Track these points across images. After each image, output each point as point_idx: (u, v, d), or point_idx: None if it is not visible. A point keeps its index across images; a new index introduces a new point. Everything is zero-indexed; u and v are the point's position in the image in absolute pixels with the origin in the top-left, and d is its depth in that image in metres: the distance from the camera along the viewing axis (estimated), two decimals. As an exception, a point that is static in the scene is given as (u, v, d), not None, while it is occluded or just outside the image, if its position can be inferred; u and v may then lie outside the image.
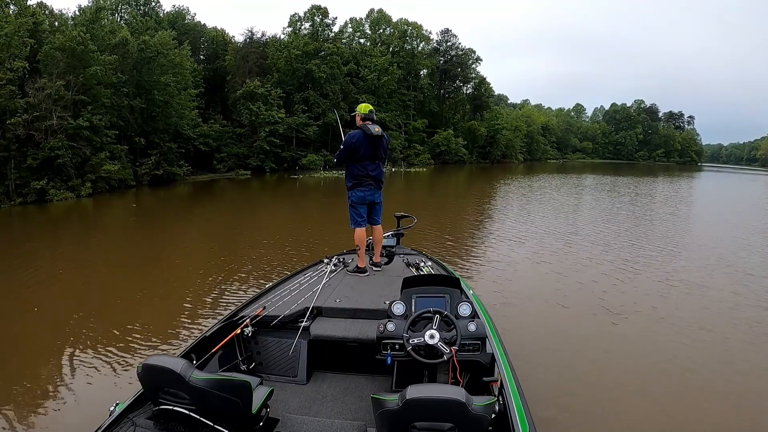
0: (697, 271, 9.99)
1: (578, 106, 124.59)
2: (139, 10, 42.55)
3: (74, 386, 5.21)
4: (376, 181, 5.38)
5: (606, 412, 4.69)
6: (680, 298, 8.13)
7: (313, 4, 50.58)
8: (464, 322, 3.25)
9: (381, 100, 51.90)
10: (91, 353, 5.94)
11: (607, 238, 13.31)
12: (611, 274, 9.64)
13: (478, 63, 66.37)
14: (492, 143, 66.12)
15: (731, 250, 12.10)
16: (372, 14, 58.70)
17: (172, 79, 31.21)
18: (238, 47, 45.00)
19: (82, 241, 13.80)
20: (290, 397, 3.65)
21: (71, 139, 22.94)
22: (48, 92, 21.99)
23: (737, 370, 5.55)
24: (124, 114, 27.73)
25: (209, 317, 7.00)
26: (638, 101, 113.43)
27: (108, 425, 2.48)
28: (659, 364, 5.68)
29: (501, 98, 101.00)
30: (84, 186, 22.83)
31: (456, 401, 2.12)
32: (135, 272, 10.16)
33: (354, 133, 5.20)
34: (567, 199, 24.50)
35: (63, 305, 7.97)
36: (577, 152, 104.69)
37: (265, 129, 39.32)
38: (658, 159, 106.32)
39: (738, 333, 6.63)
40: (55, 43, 23.12)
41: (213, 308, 7.49)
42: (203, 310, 7.47)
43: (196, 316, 7.18)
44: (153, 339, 6.35)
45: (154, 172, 29.24)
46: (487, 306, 4.72)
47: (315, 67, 45.57)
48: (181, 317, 7.16)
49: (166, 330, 6.67)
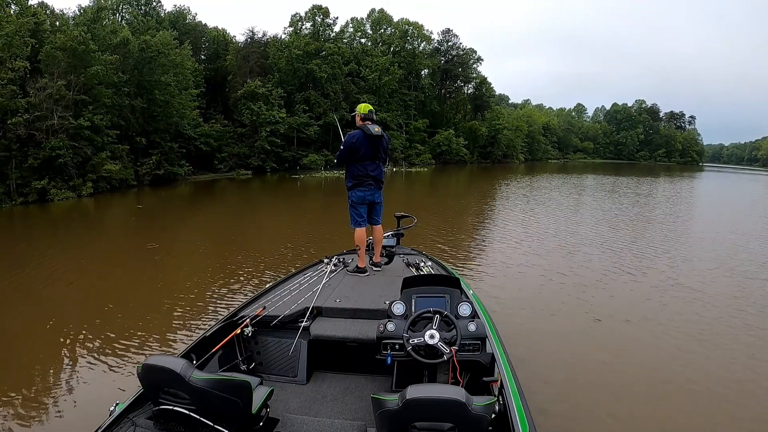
0: (699, 274, 9.91)
1: (579, 106, 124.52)
2: (140, 9, 42.57)
3: (74, 386, 5.21)
4: (376, 181, 5.39)
5: (606, 413, 4.69)
6: (682, 301, 8.07)
7: (314, 4, 50.62)
8: (464, 322, 3.26)
9: (382, 100, 51.89)
10: (91, 353, 5.94)
11: (608, 240, 13.26)
12: (613, 276, 9.61)
13: (479, 63, 66.53)
14: (493, 143, 66.07)
15: (733, 254, 12.00)
16: (373, 14, 58.69)
17: (173, 79, 31.24)
18: (239, 47, 45.08)
19: (83, 241, 13.79)
20: (290, 397, 3.65)
21: (72, 138, 22.97)
22: (49, 92, 22.00)
23: (739, 371, 5.54)
24: (125, 114, 27.75)
25: (209, 317, 7.00)
26: (639, 101, 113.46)
27: (108, 425, 2.48)
28: (660, 366, 5.67)
29: (502, 98, 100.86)
30: (85, 186, 22.85)
31: (456, 401, 2.12)
32: (135, 272, 10.14)
33: (354, 133, 5.20)
34: (567, 200, 24.46)
35: (63, 305, 7.97)
36: (578, 152, 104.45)
37: (266, 129, 39.32)
38: (659, 159, 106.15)
39: (740, 336, 6.60)
40: (56, 43, 23.14)
41: (213, 308, 7.49)
42: (203, 310, 7.46)
43: (196, 316, 7.17)
44: (153, 339, 6.35)
45: (155, 171, 29.24)
46: (487, 306, 4.72)
47: (316, 66, 45.61)
48: (181, 317, 7.16)
49: (166, 330, 6.66)
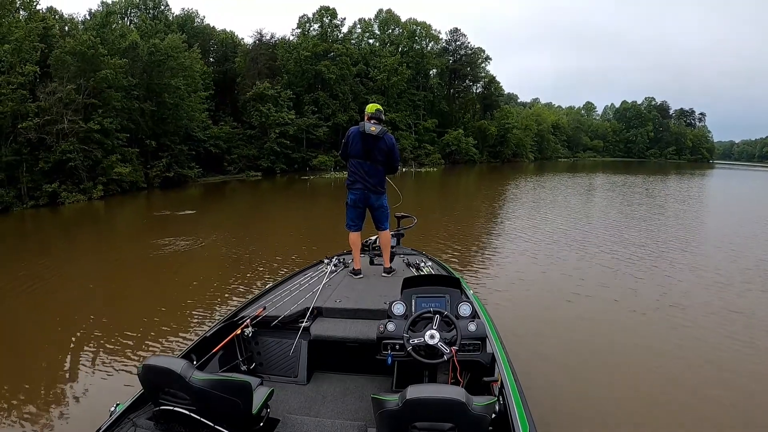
0: (708, 277, 9.67)
1: (588, 104, 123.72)
2: (148, 13, 42.99)
3: (74, 387, 5.24)
4: (366, 185, 5.17)
5: (607, 413, 4.67)
6: (690, 305, 7.92)
7: (322, 6, 50.72)
8: (464, 322, 3.24)
9: (391, 101, 51.97)
10: (92, 354, 5.97)
11: (617, 243, 12.98)
12: (618, 278, 9.46)
13: (487, 62, 66.30)
14: (502, 142, 65.80)
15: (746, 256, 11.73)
16: (381, 15, 58.79)
17: (182, 82, 31.44)
18: (248, 49, 45.35)
19: (90, 242, 13.90)
20: (290, 397, 3.65)
21: (82, 142, 23.22)
22: (59, 96, 22.27)
23: (741, 376, 5.47)
24: (134, 117, 27.99)
25: (210, 317, 7.03)
26: (649, 98, 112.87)
27: (108, 426, 2.48)
28: (661, 367, 5.63)
29: (511, 97, 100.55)
30: (95, 188, 23.11)
31: (456, 401, 2.11)
32: (137, 272, 10.23)
33: (353, 128, 5.17)
34: (577, 200, 24.23)
35: (63, 305, 8.03)
36: (588, 150, 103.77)
37: (275, 130, 39.46)
38: (669, 157, 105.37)
39: (744, 340, 6.50)
40: (65, 48, 23.43)
41: (214, 308, 7.51)
42: (204, 310, 7.48)
43: (197, 316, 7.20)
44: (153, 339, 6.37)
45: (165, 174, 29.45)
46: (489, 306, 4.70)
47: (324, 68, 45.74)
48: (182, 317, 7.19)
49: (167, 330, 6.68)
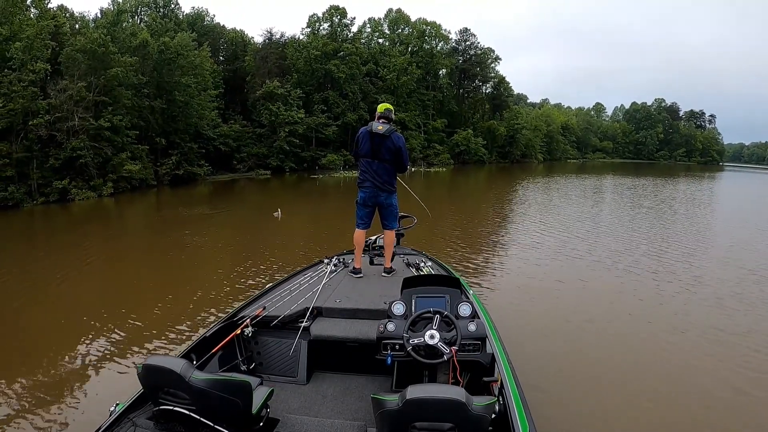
0: (711, 282, 9.45)
1: (598, 105, 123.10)
2: (158, 12, 43.14)
3: (74, 386, 5.23)
4: (375, 183, 5.20)
5: (608, 413, 4.66)
6: (692, 309, 7.83)
7: (332, 5, 50.81)
8: (464, 322, 3.24)
9: (400, 100, 51.98)
10: (92, 353, 5.97)
11: (622, 246, 12.78)
12: (620, 281, 9.35)
13: (497, 62, 66.28)
14: (512, 143, 65.76)
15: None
16: (390, 14, 58.82)
17: (192, 80, 31.66)
18: (258, 48, 45.53)
19: (96, 240, 13.92)
20: (290, 397, 3.65)
21: (93, 139, 23.39)
22: (69, 93, 22.44)
23: (744, 379, 5.41)
24: (144, 115, 28.23)
25: (210, 317, 7.02)
26: (659, 100, 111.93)
27: (108, 425, 2.49)
28: (661, 368, 5.61)
29: (520, 97, 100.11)
30: (105, 186, 23.28)
31: (456, 401, 2.11)
32: (139, 272, 10.26)
33: (363, 128, 5.20)
34: (585, 203, 23.99)
35: (63, 305, 8.04)
36: (598, 152, 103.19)
37: (284, 129, 39.58)
38: (679, 159, 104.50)
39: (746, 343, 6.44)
40: (76, 46, 23.61)
41: (214, 308, 7.49)
42: (204, 310, 7.48)
43: (197, 316, 7.20)
44: (153, 339, 6.36)
45: (175, 171, 29.68)
46: (492, 306, 4.68)
47: (334, 67, 45.89)
48: (182, 317, 7.17)
49: (167, 330, 6.67)
